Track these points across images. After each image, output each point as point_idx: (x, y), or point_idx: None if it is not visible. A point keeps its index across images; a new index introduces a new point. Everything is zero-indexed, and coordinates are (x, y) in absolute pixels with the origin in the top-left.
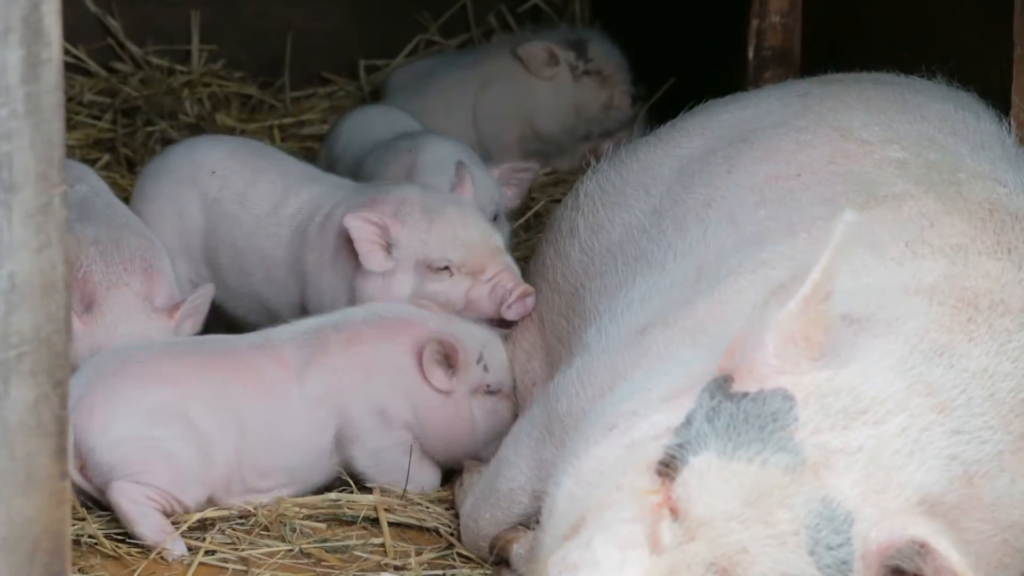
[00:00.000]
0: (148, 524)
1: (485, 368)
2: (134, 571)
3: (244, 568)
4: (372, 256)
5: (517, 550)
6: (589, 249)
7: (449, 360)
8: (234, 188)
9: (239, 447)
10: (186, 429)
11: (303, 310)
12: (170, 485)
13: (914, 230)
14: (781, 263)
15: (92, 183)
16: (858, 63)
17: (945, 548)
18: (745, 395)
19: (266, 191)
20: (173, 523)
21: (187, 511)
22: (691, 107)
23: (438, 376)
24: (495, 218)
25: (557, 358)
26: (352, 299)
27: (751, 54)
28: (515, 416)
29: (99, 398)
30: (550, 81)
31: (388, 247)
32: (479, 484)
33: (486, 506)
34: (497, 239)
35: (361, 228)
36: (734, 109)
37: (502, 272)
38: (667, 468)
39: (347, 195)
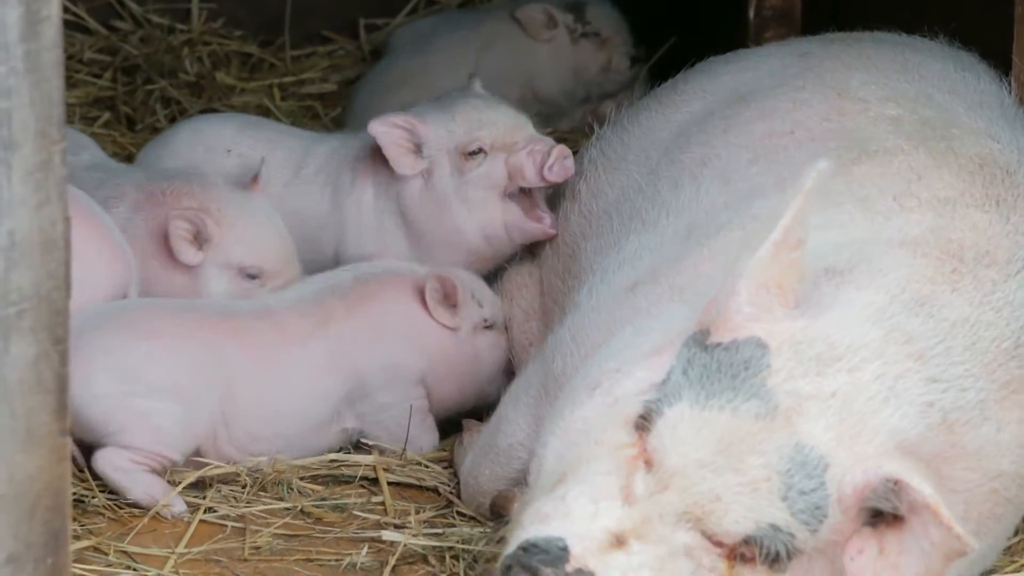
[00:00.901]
0: (139, 489)
1: (479, 304)
2: (134, 529)
3: (243, 526)
4: (402, 159)
5: (518, 509)
6: (588, 212)
7: (449, 298)
8: (255, 161)
9: (226, 409)
10: (168, 382)
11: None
12: (152, 444)
13: (902, 184)
14: (770, 218)
15: (94, 152)
16: (860, 23)
17: (918, 482)
18: (719, 345)
19: (285, 157)
20: (170, 481)
21: (175, 464)
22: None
23: (443, 313)
24: None
25: (553, 320)
26: (404, 227)
27: (752, 14)
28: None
29: (84, 351)
30: (549, 44)
31: (418, 149)
32: (479, 441)
33: (486, 462)
34: (523, 117)
35: (388, 133)
36: (735, 70)
37: (534, 140)
38: (644, 421)
39: (368, 141)
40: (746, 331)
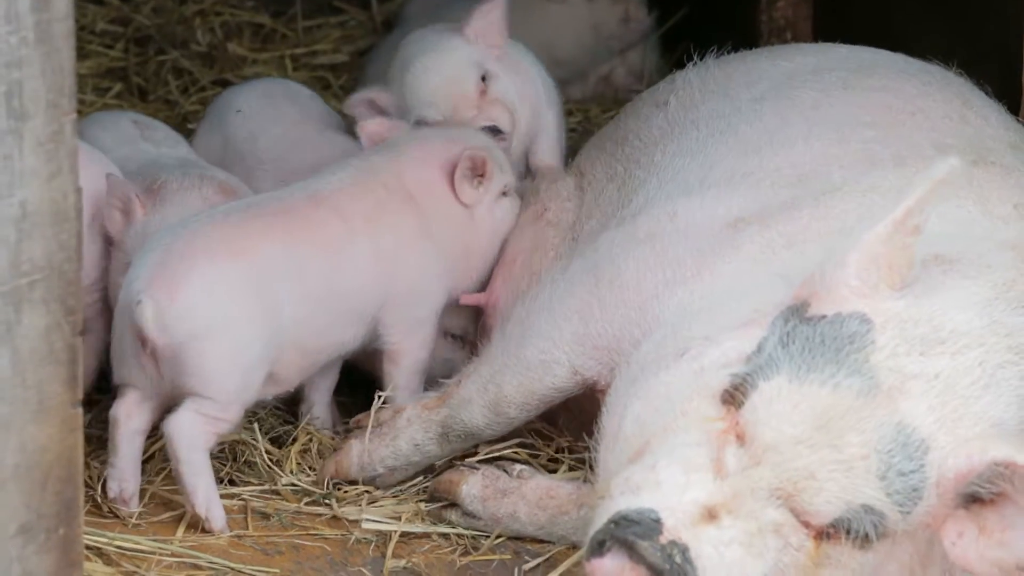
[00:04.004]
0: (200, 494)
1: (500, 168)
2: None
3: (244, 502)
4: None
5: (467, 490)
6: (673, 120)
7: (476, 170)
8: None
9: (302, 310)
10: (259, 305)
11: None
12: (230, 396)
13: (1022, 195)
14: (889, 193)
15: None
16: None
17: None
18: (822, 318)
19: None
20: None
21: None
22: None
23: (467, 191)
24: (484, 78)
25: (595, 194)
26: None
27: None
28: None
29: (178, 275)
30: (563, 4)
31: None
32: (493, 350)
33: (511, 373)
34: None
35: (355, 109)
36: (853, 49)
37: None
38: (733, 395)
39: None
40: (850, 305)
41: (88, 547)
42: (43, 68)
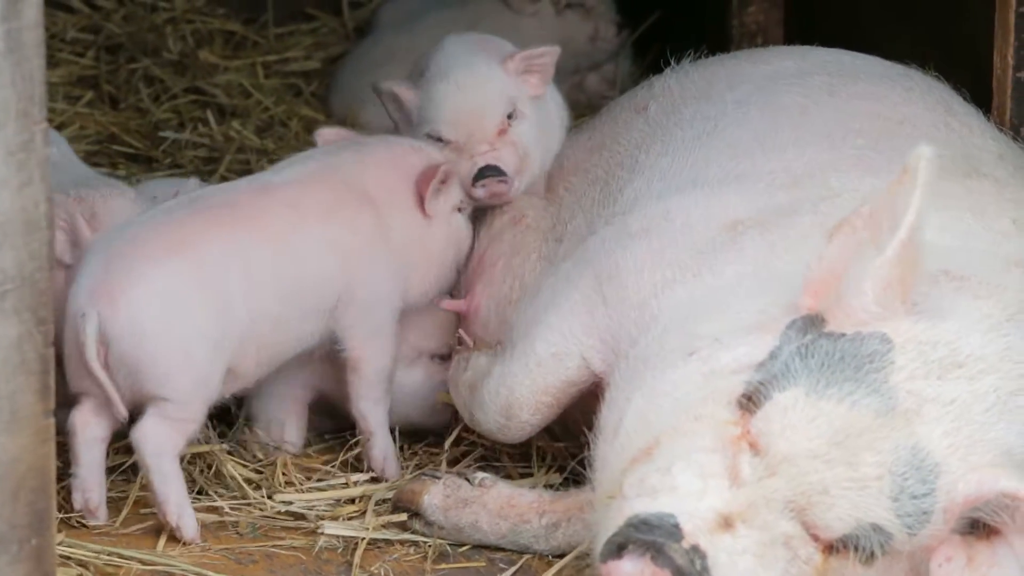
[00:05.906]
0: (172, 503)
1: (459, 183)
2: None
3: (219, 518)
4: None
5: (429, 501)
6: (655, 123)
7: (443, 183)
8: None
9: (257, 302)
10: (206, 299)
11: None
12: (188, 393)
13: (1018, 211)
14: (884, 206)
15: (62, 149)
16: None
17: None
18: (843, 335)
19: None
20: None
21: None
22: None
23: (434, 203)
24: (510, 115)
25: (576, 198)
26: None
27: None
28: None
29: (119, 282)
30: (534, 18)
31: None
32: (503, 359)
33: (523, 372)
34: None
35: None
36: (833, 53)
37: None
38: (748, 402)
39: None
40: (870, 325)
41: (63, 556)
42: (13, 77)
